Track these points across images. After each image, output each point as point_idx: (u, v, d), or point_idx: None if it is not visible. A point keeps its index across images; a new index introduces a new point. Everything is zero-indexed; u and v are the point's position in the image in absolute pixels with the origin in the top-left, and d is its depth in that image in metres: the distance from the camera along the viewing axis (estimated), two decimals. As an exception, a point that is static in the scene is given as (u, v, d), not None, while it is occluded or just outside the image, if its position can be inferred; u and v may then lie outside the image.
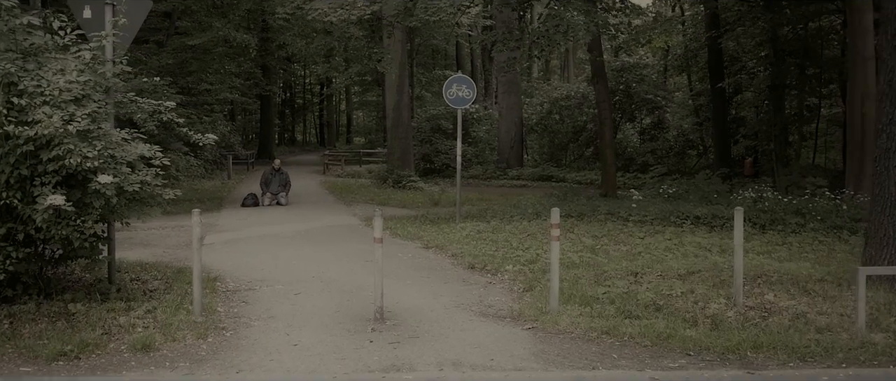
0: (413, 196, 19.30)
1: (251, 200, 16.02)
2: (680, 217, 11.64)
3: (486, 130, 30.14)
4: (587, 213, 12.45)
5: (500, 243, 9.85)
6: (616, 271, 7.61)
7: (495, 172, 26.82)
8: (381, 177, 22.14)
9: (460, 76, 12.44)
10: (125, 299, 6.38)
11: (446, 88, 12.41)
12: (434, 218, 13.52)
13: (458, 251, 9.37)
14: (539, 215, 12.49)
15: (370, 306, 6.35)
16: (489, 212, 13.44)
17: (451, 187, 23.34)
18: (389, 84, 22.98)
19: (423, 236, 10.89)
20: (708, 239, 9.99)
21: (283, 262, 8.92)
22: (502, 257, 8.84)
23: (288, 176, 16.80)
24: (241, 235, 11.48)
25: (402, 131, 22.58)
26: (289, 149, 52.44)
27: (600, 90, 15.16)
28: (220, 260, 9.10)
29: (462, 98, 12.31)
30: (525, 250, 9.35)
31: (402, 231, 11.47)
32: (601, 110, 15.23)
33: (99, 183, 5.67)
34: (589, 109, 27.31)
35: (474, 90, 12.39)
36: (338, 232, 11.87)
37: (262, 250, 9.83)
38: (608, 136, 15.21)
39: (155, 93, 14.89)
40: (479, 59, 47.02)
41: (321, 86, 64.34)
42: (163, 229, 12.45)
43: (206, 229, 12.64)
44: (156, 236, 11.46)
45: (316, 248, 10.07)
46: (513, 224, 11.68)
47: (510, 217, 12.48)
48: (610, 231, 10.86)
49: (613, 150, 15.64)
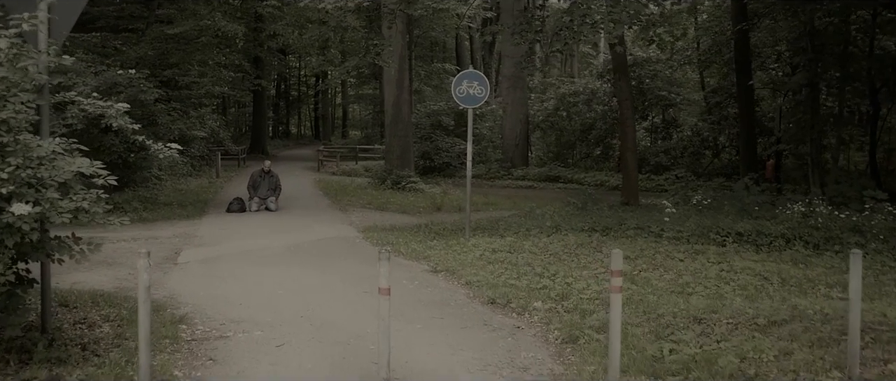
0: (414, 199, 17.88)
1: (237, 205, 14.57)
2: (720, 234, 10.26)
3: (489, 127, 28.74)
4: (613, 227, 11.05)
5: (520, 268, 8.45)
6: (673, 314, 6.21)
7: (499, 171, 25.42)
8: (380, 177, 20.71)
9: (472, 72, 11.01)
10: (54, 361, 4.94)
11: (456, 84, 10.98)
12: (440, 229, 12.12)
13: (473, 278, 7.95)
14: (558, 228, 11.10)
15: (371, 366, 4.97)
16: (502, 224, 12.03)
17: (454, 188, 21.94)
18: (388, 78, 21.52)
19: (431, 256, 9.48)
20: (762, 265, 8.60)
21: (267, 291, 7.49)
22: (527, 289, 7.43)
23: (278, 179, 15.35)
24: (222, 250, 10.04)
25: (401, 129, 21.13)
26: (283, 142, 50.97)
27: (622, 87, 13.74)
28: (191, 287, 7.67)
29: (473, 96, 10.88)
30: (552, 277, 7.95)
31: (406, 249, 10.05)
32: (623, 109, 13.82)
33: (12, 215, 4.25)
34: (598, 105, 25.91)
35: (487, 87, 10.95)
36: (332, 247, 10.44)
37: (243, 274, 8.40)
38: (630, 138, 13.80)
39: (131, 87, 13.45)
40: (480, 52, 45.62)
41: (316, 78, 62.78)
42: (134, 241, 11.01)
43: (182, 242, 11.24)
44: (124, 251, 10.01)
45: (306, 270, 8.64)
46: (530, 241, 10.28)
47: (527, 231, 11.08)
48: (644, 251, 9.47)
49: (635, 153, 14.23)
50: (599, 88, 25.86)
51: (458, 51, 43.97)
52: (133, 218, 13.47)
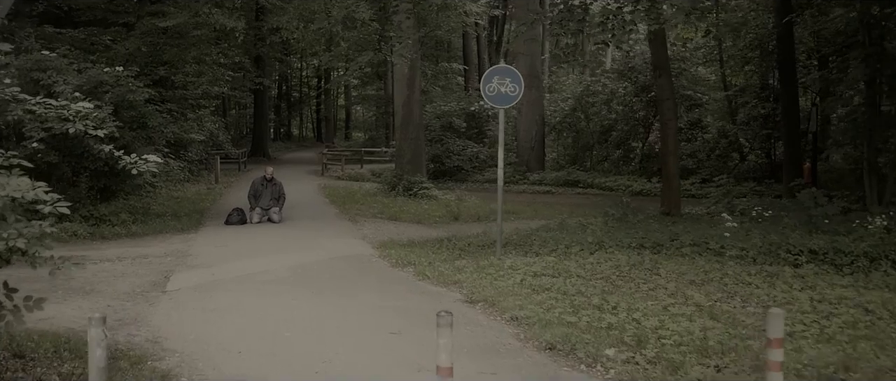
0: (428, 208, 16.53)
1: (237, 216, 13.23)
2: (791, 252, 8.91)
3: (502, 129, 27.39)
4: (664, 243, 9.69)
5: (573, 298, 7.10)
6: (796, 372, 4.85)
7: (514, 175, 24.07)
8: (390, 183, 19.36)
9: (503, 67, 9.67)
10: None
11: (485, 81, 9.63)
12: (465, 245, 10.79)
13: (519, 313, 6.60)
14: (602, 244, 9.74)
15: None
16: (534, 239, 10.66)
17: (469, 195, 20.58)
18: (398, 77, 20.19)
19: (462, 281, 8.12)
20: (858, 292, 7.25)
21: (273, 332, 6.14)
22: (590, 328, 6.08)
23: (282, 187, 14.00)
24: (219, 274, 8.68)
25: (412, 131, 19.79)
26: (285, 145, 49.73)
27: (663, 84, 12.40)
28: (181, 326, 6.32)
29: (506, 95, 9.55)
30: (613, 310, 6.61)
31: (432, 271, 8.69)
32: (663, 109, 12.48)
33: None
34: (618, 106, 24.57)
35: (521, 84, 9.61)
36: (346, 269, 9.08)
37: (243, 306, 7.05)
38: (672, 140, 12.45)
39: (118, 86, 12.11)
40: (486, 52, 44.28)
41: (318, 79, 61.50)
42: (120, 261, 9.67)
43: (174, 262, 9.90)
44: (106, 274, 8.67)
45: (318, 302, 7.29)
46: (574, 260, 8.94)
47: (565, 248, 9.73)
48: (709, 274, 8.13)
49: (678, 157, 12.87)
50: (618, 87, 24.50)
51: (464, 50, 42.62)
52: (121, 232, 12.15)
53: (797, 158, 15.36)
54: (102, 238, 11.52)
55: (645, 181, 22.20)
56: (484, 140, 27.25)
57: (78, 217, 11.89)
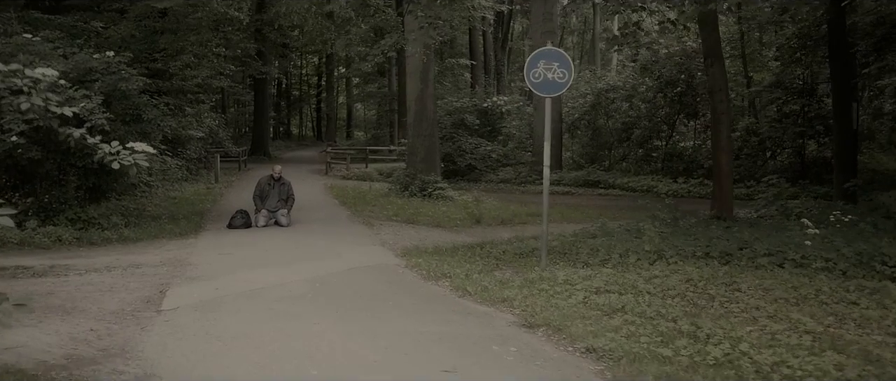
0: (446, 210, 15.29)
1: (241, 219, 11.98)
2: (887, 263, 7.70)
3: (517, 126, 26.19)
4: (733, 252, 8.47)
5: (655, 322, 5.87)
6: None
7: (531, 175, 22.85)
8: (402, 183, 18.10)
9: (550, 49, 8.41)
10: None
11: (529, 66, 8.38)
12: (500, 253, 9.54)
13: (596, 342, 5.35)
14: (661, 254, 8.51)
15: None
16: (581, 248, 9.41)
17: (485, 195, 19.34)
18: (411, 70, 18.93)
19: (511, 298, 6.87)
20: None
21: (293, 369, 4.89)
22: (694, 365, 4.86)
23: (291, 187, 12.75)
24: (223, 288, 7.42)
25: (426, 127, 18.56)
26: (284, 143, 48.56)
27: (716, 74, 11.15)
28: (179, 359, 5.09)
29: (554, 82, 8.30)
30: (710, 340, 5.37)
31: (473, 285, 7.44)
32: (716, 102, 11.23)
33: None
34: (640, 102, 23.35)
35: (571, 70, 8.36)
36: (371, 283, 7.83)
37: (254, 333, 5.79)
38: (725, 137, 11.20)
39: (109, 74, 10.85)
40: (492, 49, 43.08)
41: (318, 76, 60.24)
42: (109, 271, 8.42)
43: (171, 273, 8.65)
44: (91, 289, 7.42)
45: (345, 326, 6.03)
46: (636, 273, 7.71)
47: (620, 257, 8.51)
48: (800, 291, 6.90)
49: (731, 155, 11.63)
50: (639, 83, 23.27)
51: (471, 46, 41.38)
52: (111, 237, 10.88)
53: (851, 157, 14.14)
54: (90, 244, 10.25)
55: (670, 181, 21.00)
56: (498, 138, 26.01)
57: (64, 220, 10.64)
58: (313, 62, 60.36)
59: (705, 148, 22.34)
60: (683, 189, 20.36)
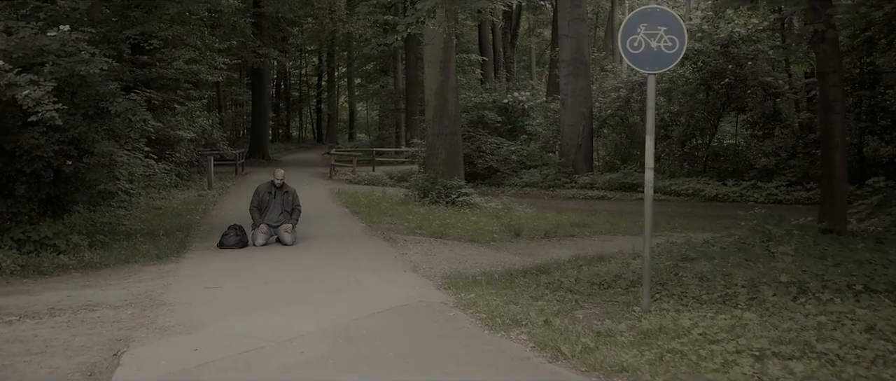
0: (476, 220, 13.03)
1: (235, 236, 9.69)
2: None
3: (542, 124, 23.92)
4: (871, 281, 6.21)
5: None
6: None
7: (559, 178, 20.58)
8: (421, 188, 15.83)
9: (655, 9, 6.11)
10: None
11: (626, 33, 6.08)
12: (572, 283, 7.23)
13: None
14: (805, 288, 6.22)
15: None
16: (684, 277, 7.09)
17: (515, 201, 17.11)
18: (429, 60, 16.70)
19: (634, 366, 4.61)
20: None
21: None
22: None
23: (296, 196, 10.46)
24: (204, 351, 5.13)
25: (448, 125, 16.32)
26: (284, 146, 46.43)
27: (828, 52, 8.90)
28: None
29: (660, 52, 6.02)
30: None
31: (564, 341, 5.14)
32: (828, 87, 8.98)
33: None
34: (682, 96, 21.08)
35: (683, 37, 6.08)
36: (414, 336, 5.53)
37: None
38: (838, 131, 8.94)
39: (65, 55, 8.56)
40: (501, 44, 40.92)
41: (318, 77, 58.06)
42: (52, 315, 6.13)
43: (137, 319, 6.36)
44: (16, 348, 5.14)
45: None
46: (790, 319, 5.44)
47: (748, 291, 6.23)
48: None
49: (845, 154, 9.36)
50: (679, 77, 20.99)
51: (480, 42, 39.19)
52: (68, 263, 8.59)
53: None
54: (39, 273, 7.97)
55: (718, 184, 18.75)
56: (521, 137, 23.72)
57: (7, 241, 8.37)
58: (313, 62, 58.19)
59: (758, 148, 20.09)
60: (735, 192, 18.13)
